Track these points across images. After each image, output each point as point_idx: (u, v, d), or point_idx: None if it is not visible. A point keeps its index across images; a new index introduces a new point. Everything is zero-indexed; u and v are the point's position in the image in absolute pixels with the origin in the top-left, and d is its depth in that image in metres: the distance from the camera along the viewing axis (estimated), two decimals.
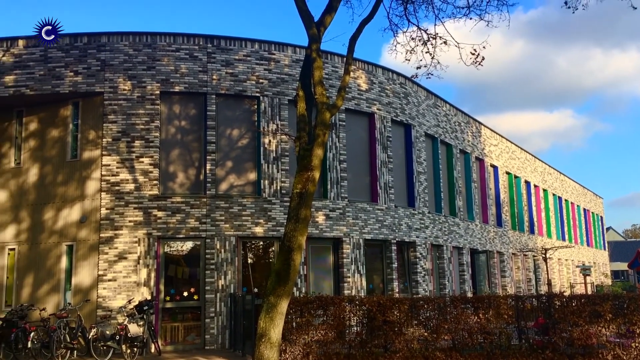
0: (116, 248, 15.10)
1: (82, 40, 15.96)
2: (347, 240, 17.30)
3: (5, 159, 16.52)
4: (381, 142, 18.93)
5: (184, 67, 16.19)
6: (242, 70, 16.65)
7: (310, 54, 11.02)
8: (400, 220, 19.05)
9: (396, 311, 13.64)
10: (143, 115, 15.78)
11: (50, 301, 15.29)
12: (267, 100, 16.81)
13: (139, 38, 16.14)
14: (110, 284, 14.92)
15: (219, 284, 15.48)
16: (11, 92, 15.67)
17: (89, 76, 15.75)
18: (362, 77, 18.69)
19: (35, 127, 16.39)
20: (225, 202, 15.98)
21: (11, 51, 15.89)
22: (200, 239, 15.74)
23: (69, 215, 15.57)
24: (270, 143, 16.68)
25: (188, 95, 16.38)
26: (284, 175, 16.64)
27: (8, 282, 15.94)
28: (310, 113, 11.18)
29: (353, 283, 17.11)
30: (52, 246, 15.60)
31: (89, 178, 15.56)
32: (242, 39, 16.91)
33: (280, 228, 16.17)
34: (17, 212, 16.12)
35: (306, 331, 13.07)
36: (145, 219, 15.35)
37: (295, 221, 9.80)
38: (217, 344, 15.18)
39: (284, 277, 9.47)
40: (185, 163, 16.23)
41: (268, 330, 9.13)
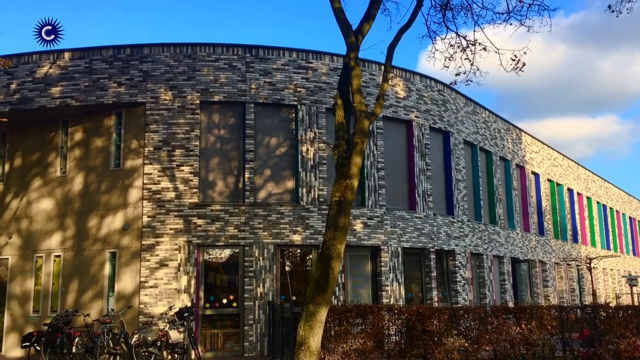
0: (157, 255, 15.36)
1: (124, 51, 16.35)
2: (385, 248, 17.19)
3: (51, 168, 17.01)
4: (419, 150, 18.79)
5: (223, 76, 16.42)
6: (280, 79, 16.78)
7: (348, 62, 11.04)
8: (439, 228, 18.84)
9: (436, 321, 13.48)
10: (183, 125, 16.05)
11: (94, 307, 15.62)
12: (305, 108, 16.89)
13: (179, 49, 16.45)
14: (152, 290, 15.17)
15: (257, 292, 15.56)
16: (57, 103, 16.16)
17: (131, 87, 16.12)
18: (399, 85, 18.61)
19: (80, 137, 16.83)
20: (264, 210, 16.09)
21: (57, 63, 16.39)
22: (239, 246, 15.87)
23: (112, 223, 15.91)
24: (308, 151, 16.74)
25: (227, 105, 16.59)
26: (322, 183, 16.67)
27: (53, 289, 16.36)
28: (349, 121, 11.18)
29: (391, 292, 16.98)
30: (95, 253, 15.96)
31: (131, 186, 15.89)
32: (280, 48, 17.06)
33: (318, 236, 16.19)
34: (63, 219, 16.56)
35: (345, 340, 13.02)
36: (185, 227, 15.57)
37: (334, 229, 9.79)
38: (255, 351, 15.25)
39: (323, 285, 9.46)
40: (225, 171, 16.42)
41: (307, 339, 9.12)
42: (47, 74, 16.34)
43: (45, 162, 17.11)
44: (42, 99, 16.21)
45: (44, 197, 16.90)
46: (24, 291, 16.63)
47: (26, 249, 16.83)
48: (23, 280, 16.70)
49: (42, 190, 16.96)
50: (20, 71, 16.47)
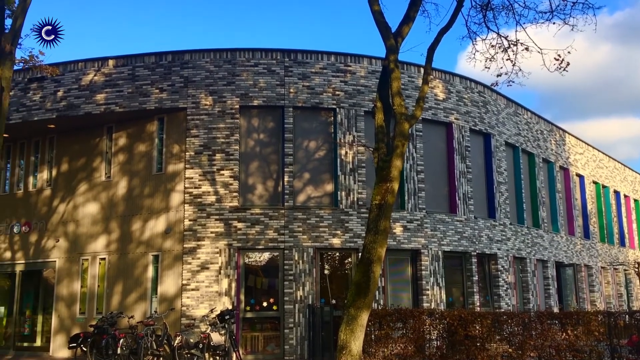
0: (199, 258, 15.56)
1: (166, 58, 16.66)
2: (425, 252, 17.02)
3: (96, 173, 17.43)
4: (459, 152, 18.55)
5: (262, 81, 16.55)
6: (319, 83, 16.82)
7: (387, 65, 10.99)
8: (480, 231, 18.55)
9: (478, 326, 13.28)
10: (223, 129, 16.24)
11: (138, 309, 15.93)
12: (344, 112, 16.88)
13: (219, 54, 16.66)
14: (193, 293, 15.37)
15: (297, 295, 15.60)
16: (102, 110, 16.57)
17: (173, 92, 16.40)
18: (439, 87, 18.43)
19: (124, 142, 17.21)
20: (303, 214, 16.14)
21: (102, 70, 16.81)
22: (279, 250, 15.95)
23: (155, 226, 16.21)
24: (347, 154, 16.72)
25: (266, 109, 16.72)
26: (361, 187, 16.62)
27: (99, 291, 16.75)
28: (389, 124, 11.13)
29: (432, 296, 16.80)
30: (139, 256, 16.28)
31: (173, 190, 16.16)
32: (318, 52, 17.10)
33: (358, 239, 16.14)
34: (108, 223, 16.95)
35: (385, 344, 12.95)
36: (226, 230, 15.74)
37: (374, 233, 9.75)
38: (296, 354, 15.29)
39: (364, 289, 9.42)
40: (264, 175, 16.54)
41: (349, 343, 9.09)
42: (92, 81, 16.77)
43: (90, 167, 17.55)
44: (88, 105, 16.64)
45: (89, 201, 17.34)
46: (71, 293, 17.07)
47: (73, 252, 17.29)
48: (70, 283, 17.14)
49: (88, 195, 17.40)
50: (66, 79, 16.96)
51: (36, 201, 18.27)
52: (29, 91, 17.27)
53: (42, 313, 17.80)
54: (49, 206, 17.99)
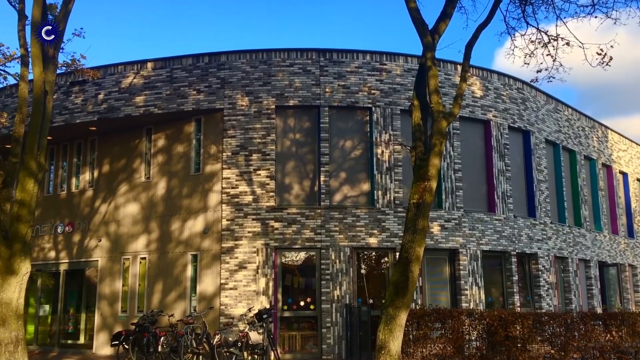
0: (236, 258, 15.70)
1: (203, 60, 16.86)
2: (463, 251, 16.80)
3: (136, 174, 17.76)
4: (498, 150, 18.26)
5: (298, 81, 16.60)
6: (354, 82, 16.78)
7: (424, 62, 10.89)
8: (520, 230, 18.22)
9: (519, 326, 13.07)
10: (260, 130, 16.35)
11: (178, 308, 16.17)
12: (380, 110, 16.80)
13: (255, 55, 16.78)
14: (232, 292, 15.52)
15: (334, 295, 15.60)
16: (141, 112, 16.87)
17: (210, 94, 16.59)
18: (476, 84, 18.17)
19: (163, 144, 17.49)
20: (340, 213, 16.12)
21: (141, 73, 17.12)
22: (316, 249, 15.97)
23: (194, 226, 16.42)
24: (383, 153, 16.64)
25: (302, 109, 16.76)
26: (398, 186, 16.51)
27: (140, 289, 17.06)
28: (426, 122, 11.02)
29: (471, 296, 16.57)
30: (178, 255, 16.52)
31: (211, 191, 16.34)
32: (354, 50, 17.06)
33: (395, 239, 16.04)
34: (148, 223, 17.25)
35: (424, 344, 12.85)
36: (263, 230, 15.84)
37: (412, 232, 9.67)
38: (333, 354, 15.28)
39: (402, 289, 9.35)
40: (300, 175, 16.59)
41: (387, 343, 9.04)
42: (132, 83, 17.10)
43: (130, 168, 17.89)
44: (127, 107, 16.97)
45: (130, 202, 17.68)
46: (113, 292, 17.43)
47: (114, 252, 17.65)
48: (112, 282, 17.51)
49: (128, 195, 17.74)
50: (107, 82, 17.33)
51: (79, 202, 18.72)
52: (71, 94, 17.71)
53: (85, 311, 18.23)
54: (91, 207, 18.41)
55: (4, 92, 19.00)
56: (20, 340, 10.47)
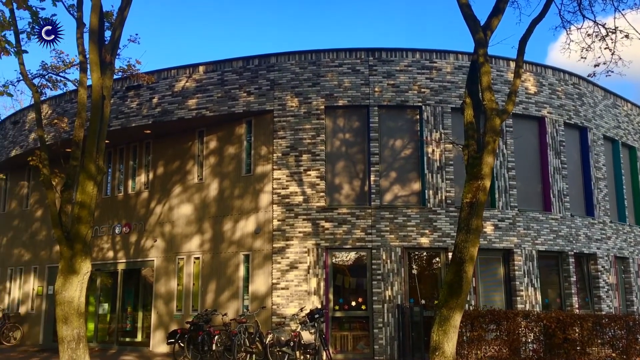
0: (288, 258, 15.82)
1: (253, 62, 17.06)
2: (518, 251, 16.42)
3: (189, 176, 18.13)
4: (553, 148, 17.75)
5: (347, 81, 16.59)
6: (404, 81, 16.64)
7: (477, 59, 10.69)
8: (577, 230, 17.66)
9: (578, 328, 12.69)
10: (309, 130, 16.42)
11: (231, 307, 16.41)
12: (430, 109, 16.61)
13: (304, 56, 16.86)
14: (283, 292, 15.64)
15: (385, 295, 15.51)
16: (194, 114, 17.20)
17: (260, 95, 16.77)
18: (530, 80, 17.73)
19: (215, 145, 17.79)
20: (390, 213, 16.02)
21: (193, 77, 17.47)
22: (366, 249, 15.92)
23: (245, 226, 16.63)
24: (434, 152, 16.44)
25: (351, 109, 16.75)
26: (449, 185, 16.28)
27: (194, 289, 17.40)
28: (478, 120, 10.82)
29: (527, 297, 16.17)
30: (231, 255, 16.77)
31: (262, 191, 16.52)
32: (403, 49, 16.93)
33: (447, 239, 15.83)
34: (201, 224, 17.58)
35: (478, 346, 12.62)
36: (313, 230, 15.90)
37: (466, 232, 9.51)
38: (386, 354, 15.19)
39: (456, 289, 9.21)
40: (350, 175, 16.57)
41: (441, 344, 8.92)
42: (184, 87, 17.46)
43: (184, 169, 18.28)
44: (180, 110, 17.34)
45: (183, 203, 18.06)
46: (168, 291, 17.84)
47: (169, 252, 18.07)
48: (167, 281, 17.93)
49: (182, 197, 18.13)
50: (160, 86, 17.76)
51: (135, 203, 19.26)
52: (127, 99, 18.23)
53: (142, 310, 18.73)
54: (146, 208, 18.90)
55: (64, 98, 19.73)
56: (81, 338, 10.82)
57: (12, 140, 21.78)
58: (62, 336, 10.71)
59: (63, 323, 10.72)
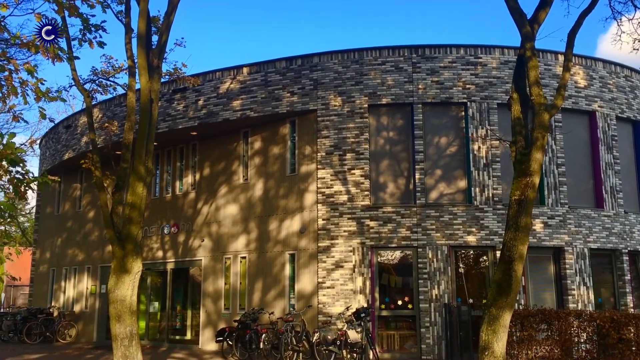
0: (333, 257, 15.85)
1: (296, 62, 17.16)
2: (569, 249, 16.00)
3: (235, 176, 18.38)
4: (605, 142, 17.22)
5: (390, 79, 16.50)
6: (448, 77, 16.44)
7: (524, 53, 10.46)
8: (631, 227, 17.08)
9: (633, 328, 12.29)
10: (353, 129, 16.41)
11: (277, 306, 16.55)
12: (475, 105, 16.36)
13: (347, 55, 16.86)
14: (329, 291, 15.68)
15: (432, 294, 15.37)
16: (238, 115, 17.43)
17: (303, 95, 16.85)
18: (579, 73, 17.24)
19: (259, 146, 17.98)
20: (436, 211, 15.86)
21: (237, 78, 17.69)
22: (412, 248, 15.81)
23: (290, 226, 16.75)
24: (480, 149, 16.18)
25: (395, 107, 16.65)
26: (496, 182, 16.00)
27: (241, 288, 17.63)
28: (526, 115, 10.59)
29: (578, 296, 15.75)
30: (276, 255, 16.91)
31: (307, 191, 16.60)
32: (447, 45, 16.72)
33: (494, 237, 15.57)
34: (247, 223, 17.80)
35: (529, 346, 12.37)
36: (358, 229, 15.88)
37: (514, 230, 9.33)
38: (433, 354, 15.05)
39: (505, 288, 9.05)
40: (395, 173, 16.48)
41: (491, 344, 8.78)
42: (229, 88, 17.71)
43: (229, 170, 18.54)
44: (225, 112, 17.59)
45: (229, 203, 18.32)
46: (216, 290, 18.13)
47: (216, 251, 18.36)
48: (215, 280, 18.22)
49: (228, 197, 18.40)
50: (205, 88, 18.05)
51: (183, 204, 19.64)
52: (174, 101, 18.61)
53: (191, 308, 19.09)
54: (194, 208, 19.25)
55: (113, 102, 20.29)
56: (134, 335, 11.10)
57: (65, 144, 22.53)
58: (116, 333, 11.01)
59: (116, 321, 11.02)
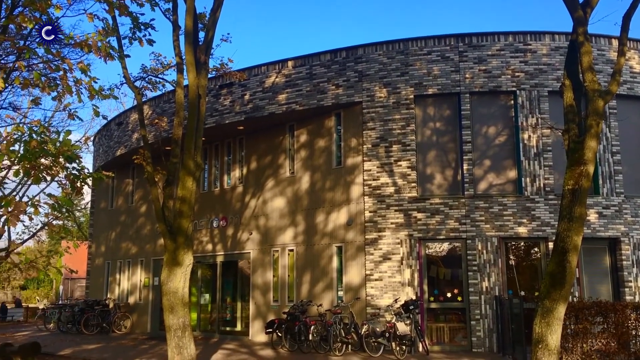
0: (380, 249, 15.79)
1: (341, 54, 17.12)
2: (625, 240, 15.48)
3: (282, 169, 18.52)
4: None
5: (436, 69, 16.27)
6: (496, 66, 16.10)
7: (576, 38, 10.15)
8: None
9: None
10: (399, 120, 16.28)
11: (325, 298, 16.63)
12: (525, 93, 15.98)
13: (392, 46, 16.71)
14: (377, 283, 15.65)
15: (482, 286, 15.14)
16: (284, 109, 17.53)
17: (348, 88, 16.81)
18: (635, 58, 16.60)
19: (305, 139, 18.04)
20: (485, 202, 15.60)
21: (282, 72, 17.78)
22: (461, 240, 15.60)
23: (337, 218, 16.77)
24: (530, 138, 15.80)
25: (441, 97, 16.42)
26: (548, 172, 15.61)
27: (289, 280, 17.78)
28: (579, 103, 10.29)
29: (636, 288, 15.23)
30: (324, 247, 16.97)
31: (353, 183, 16.57)
32: (494, 33, 16.36)
33: (546, 228, 15.20)
34: (294, 216, 17.92)
35: (584, 339, 12.06)
36: (405, 221, 15.77)
37: (568, 220, 9.09)
38: (484, 347, 14.85)
39: (559, 280, 8.84)
40: (442, 164, 16.27)
41: (545, 336, 8.59)
42: (274, 82, 17.82)
43: (276, 163, 18.68)
44: (271, 106, 17.72)
45: (276, 196, 18.47)
46: (265, 282, 18.34)
47: (264, 244, 18.56)
48: (263, 272, 18.43)
49: (275, 190, 18.55)
50: (251, 82, 18.22)
51: (231, 197, 19.92)
52: (220, 97, 18.86)
53: (240, 300, 19.38)
54: (242, 202, 19.51)
55: (162, 98, 20.71)
56: (186, 326, 11.37)
57: (117, 140, 23.16)
58: (169, 324, 11.30)
59: (169, 312, 11.30)
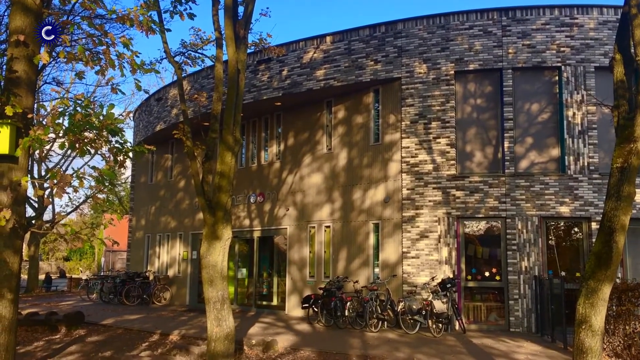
0: (418, 227, 15.68)
1: (380, 29, 16.86)
2: None
3: (319, 146, 18.47)
4: None
5: (478, 44, 15.89)
6: (541, 40, 15.63)
7: (628, 10, 9.71)
8: None
9: None
10: (438, 97, 16.00)
11: (361, 274, 16.64)
12: (570, 69, 15.49)
13: (432, 21, 16.37)
14: (414, 261, 15.57)
15: (521, 266, 14.92)
16: (322, 85, 17.41)
17: (387, 63, 16.57)
18: None
19: (343, 115, 17.92)
20: (526, 181, 15.28)
21: (320, 48, 17.62)
22: (500, 218, 15.36)
23: (374, 195, 16.69)
24: (575, 115, 15.36)
25: (483, 73, 16.06)
26: (592, 150, 15.17)
27: (325, 256, 17.84)
28: (630, 78, 9.88)
29: None
30: (360, 224, 16.94)
31: (391, 160, 16.43)
32: (539, 6, 15.86)
33: (589, 207, 14.84)
34: (330, 193, 17.90)
35: (626, 321, 11.78)
36: (444, 199, 15.59)
37: (616, 199, 8.81)
38: (522, 327, 14.68)
39: (605, 260, 8.61)
40: (482, 142, 15.98)
41: (589, 317, 8.41)
42: (312, 58, 17.69)
43: (313, 140, 18.64)
44: (309, 82, 17.62)
45: (313, 172, 18.47)
46: (301, 258, 18.45)
47: (301, 220, 18.62)
48: (300, 248, 18.54)
49: (312, 166, 18.54)
50: (289, 58, 18.12)
51: (268, 173, 20.01)
52: (258, 73, 18.84)
53: (277, 275, 19.57)
54: (279, 178, 19.57)
55: (201, 74, 20.80)
56: (225, 299, 11.51)
57: (156, 116, 23.43)
58: (208, 297, 11.45)
59: (209, 285, 11.45)
